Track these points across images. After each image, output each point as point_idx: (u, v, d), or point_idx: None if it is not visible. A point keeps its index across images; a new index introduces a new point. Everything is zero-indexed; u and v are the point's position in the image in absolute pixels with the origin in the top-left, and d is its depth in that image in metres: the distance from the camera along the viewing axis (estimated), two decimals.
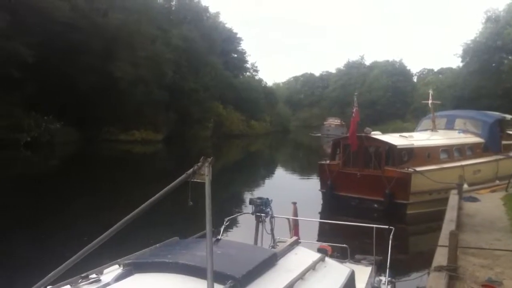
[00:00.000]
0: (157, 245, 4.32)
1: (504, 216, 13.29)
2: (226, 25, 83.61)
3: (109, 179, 25.83)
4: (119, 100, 46.34)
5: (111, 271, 3.77)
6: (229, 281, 3.16)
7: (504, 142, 23.00)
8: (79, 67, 41.94)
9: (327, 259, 4.73)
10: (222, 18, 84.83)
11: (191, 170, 3.36)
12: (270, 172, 36.03)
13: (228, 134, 68.17)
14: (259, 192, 21.46)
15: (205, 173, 3.31)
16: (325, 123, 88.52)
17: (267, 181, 30.33)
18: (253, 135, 75.87)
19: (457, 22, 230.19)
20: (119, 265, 3.82)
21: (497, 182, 19.94)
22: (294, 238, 5.28)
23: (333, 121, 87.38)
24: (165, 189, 3.45)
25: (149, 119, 51.11)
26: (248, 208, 6.86)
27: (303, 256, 4.48)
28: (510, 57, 59.38)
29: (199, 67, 60.58)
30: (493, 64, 61.25)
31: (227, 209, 16.42)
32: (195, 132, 59.52)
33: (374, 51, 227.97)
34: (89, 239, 3.44)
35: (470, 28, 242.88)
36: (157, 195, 3.47)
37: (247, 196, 20.40)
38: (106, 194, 20.48)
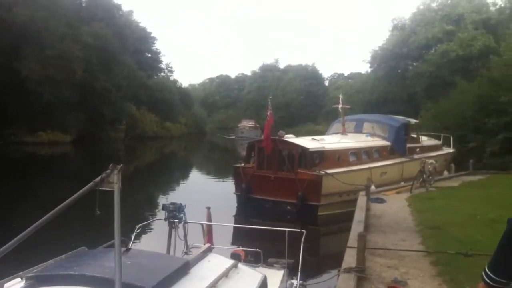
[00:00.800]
0: (63, 256, 4.03)
1: (408, 217, 13.98)
2: (140, 24, 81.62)
3: (10, 183, 24.17)
4: (26, 100, 43.96)
5: (12, 286, 3.49)
6: None
7: (409, 145, 24.02)
8: None
9: (240, 265, 4.71)
10: (136, 17, 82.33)
11: (98, 178, 3.15)
12: (184, 175, 35.64)
13: (142, 136, 66.81)
14: (173, 197, 21.07)
15: (114, 181, 3.15)
16: (239, 125, 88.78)
17: (181, 184, 29.93)
18: (168, 137, 74.90)
19: (370, 29, 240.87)
20: (21, 279, 3.52)
21: (402, 183, 20.94)
22: (208, 244, 5.22)
23: (247, 123, 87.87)
24: (72, 198, 3.22)
25: (57, 119, 48.63)
26: (161, 214, 6.67)
27: (216, 263, 4.42)
28: (414, 64, 61.96)
29: (111, 66, 58.57)
30: (399, 70, 63.73)
31: (139, 215, 15.99)
32: (107, 134, 57.70)
33: (290, 57, 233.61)
34: None
35: (380, 35, 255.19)
36: (62, 204, 3.23)
37: (160, 201, 19.96)
38: (5, 200, 18.96)
